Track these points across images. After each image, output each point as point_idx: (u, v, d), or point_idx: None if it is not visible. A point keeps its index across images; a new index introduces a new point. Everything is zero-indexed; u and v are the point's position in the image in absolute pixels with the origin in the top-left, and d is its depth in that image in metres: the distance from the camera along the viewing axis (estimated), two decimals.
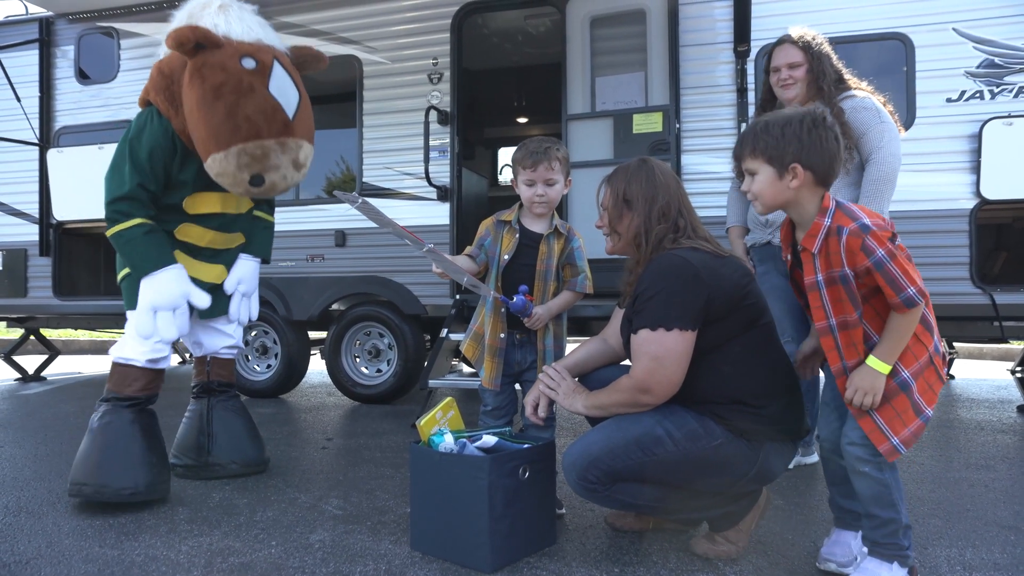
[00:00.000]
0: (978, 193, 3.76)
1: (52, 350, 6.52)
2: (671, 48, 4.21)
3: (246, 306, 2.98)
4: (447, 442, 2.05)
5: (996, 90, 3.77)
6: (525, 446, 2.07)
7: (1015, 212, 4.28)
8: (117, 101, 5.35)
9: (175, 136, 2.63)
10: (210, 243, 2.81)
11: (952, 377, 6.00)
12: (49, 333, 7.75)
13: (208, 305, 2.73)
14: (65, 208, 5.28)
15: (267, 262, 3.09)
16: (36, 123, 5.50)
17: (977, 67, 3.80)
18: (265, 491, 2.71)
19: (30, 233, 5.57)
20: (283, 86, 2.62)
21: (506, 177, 7.30)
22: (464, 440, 2.08)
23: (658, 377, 1.85)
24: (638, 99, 4.32)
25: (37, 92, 5.52)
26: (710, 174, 4.09)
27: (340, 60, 4.85)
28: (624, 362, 2.16)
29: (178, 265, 2.65)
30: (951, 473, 2.94)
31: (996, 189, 3.73)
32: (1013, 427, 3.91)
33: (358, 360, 4.96)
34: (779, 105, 2.90)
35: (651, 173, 2.00)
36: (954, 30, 3.82)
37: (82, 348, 9.34)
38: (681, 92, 4.19)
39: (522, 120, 7.29)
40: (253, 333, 5.14)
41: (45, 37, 5.54)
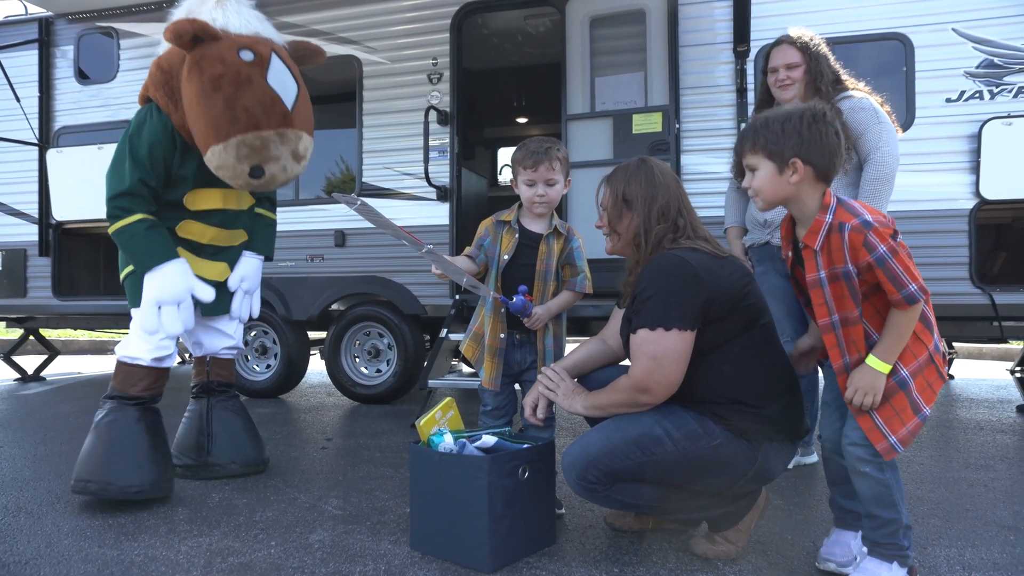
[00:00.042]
0: (977, 193, 3.76)
1: (51, 350, 6.52)
2: (671, 48, 4.21)
3: (248, 303, 2.98)
4: (447, 442, 2.05)
5: (995, 90, 3.77)
6: (525, 446, 2.07)
7: (1014, 212, 4.28)
8: (117, 101, 5.35)
9: (175, 131, 2.64)
10: (212, 240, 2.81)
11: (952, 377, 6.01)
12: (48, 333, 7.75)
13: (212, 298, 2.73)
14: (64, 208, 5.28)
15: (270, 259, 3.09)
16: (35, 123, 5.50)
17: (976, 67, 3.80)
18: (265, 491, 2.71)
19: (29, 233, 5.57)
20: (281, 78, 2.62)
21: (506, 177, 7.30)
22: (464, 440, 2.08)
23: (657, 377, 1.85)
24: (638, 99, 4.32)
25: (36, 92, 5.52)
26: (710, 174, 4.09)
27: (340, 60, 4.86)
28: (623, 362, 2.16)
29: (181, 259, 2.65)
30: (950, 473, 2.94)
31: (995, 189, 3.74)
32: (1012, 427, 3.91)
33: (358, 360, 4.96)
34: (776, 106, 2.90)
35: (650, 173, 2.00)
36: (954, 30, 3.82)
37: (81, 348, 9.34)
38: (681, 92, 4.19)
39: (522, 120, 7.29)
40: (253, 333, 5.14)
41: (45, 37, 5.54)
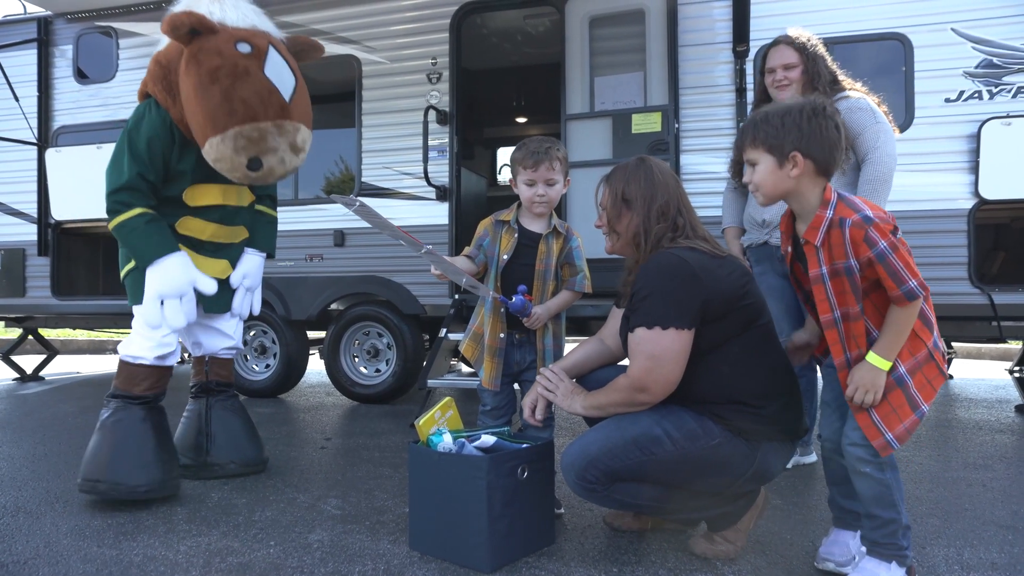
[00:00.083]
0: (976, 193, 3.76)
1: (50, 350, 6.51)
2: (670, 48, 4.21)
3: (249, 300, 2.97)
4: (446, 442, 2.05)
5: (995, 90, 3.77)
6: (524, 446, 2.07)
7: (1013, 212, 4.29)
8: (116, 101, 5.34)
9: (173, 126, 2.64)
10: (212, 236, 2.80)
11: (950, 377, 6.01)
12: (47, 333, 7.74)
13: (215, 290, 2.73)
14: (63, 208, 5.28)
15: (272, 256, 3.09)
16: (34, 123, 5.50)
17: (976, 67, 3.80)
18: (264, 491, 2.71)
19: (28, 233, 5.57)
20: (279, 70, 2.61)
21: (505, 177, 7.30)
22: (463, 440, 2.08)
23: (655, 376, 1.85)
24: (637, 99, 4.32)
25: (35, 92, 5.52)
26: (709, 174, 4.09)
27: (339, 60, 4.86)
28: (622, 362, 2.16)
29: (182, 252, 2.65)
30: (949, 473, 2.94)
31: (994, 189, 3.74)
32: (1011, 427, 3.91)
33: (357, 360, 4.96)
34: None
35: (650, 172, 2.00)
36: (953, 30, 3.83)
37: (80, 348, 9.33)
38: (680, 92, 4.19)
39: (521, 120, 7.29)
40: (252, 333, 5.14)
41: (43, 36, 5.53)
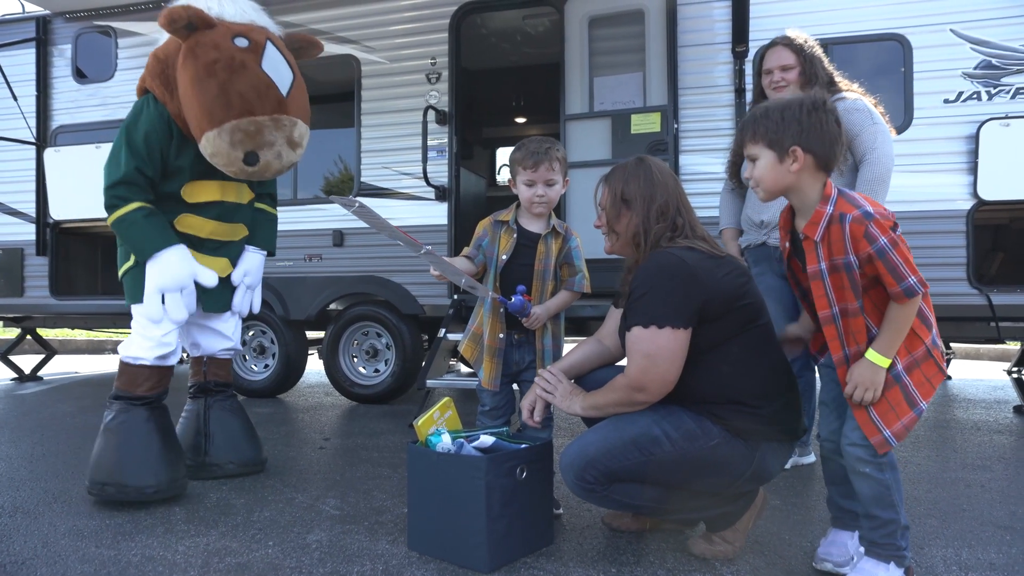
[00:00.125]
0: (975, 194, 3.76)
1: (49, 350, 6.51)
2: (669, 48, 4.21)
3: (249, 298, 2.97)
4: (444, 442, 2.05)
5: (993, 91, 3.78)
6: (523, 446, 2.07)
7: (1012, 213, 4.29)
8: (114, 100, 5.34)
9: (171, 121, 2.64)
10: (211, 234, 2.79)
11: (949, 377, 6.01)
12: (46, 333, 7.74)
13: (216, 283, 2.73)
14: (62, 207, 5.27)
15: (272, 254, 3.09)
16: (33, 122, 5.49)
17: (975, 68, 3.80)
18: (262, 491, 2.70)
19: (27, 232, 5.56)
20: (276, 65, 2.61)
21: (504, 177, 7.30)
22: (462, 440, 2.08)
23: (652, 375, 1.85)
24: (636, 99, 4.32)
25: (34, 91, 5.51)
26: (708, 174, 4.09)
27: (338, 60, 4.85)
28: (621, 362, 2.16)
29: (181, 245, 2.64)
30: (948, 473, 2.94)
31: (993, 190, 3.74)
32: (1010, 427, 3.92)
33: (356, 360, 4.96)
34: None
35: (649, 172, 2.00)
36: (952, 31, 3.83)
37: (79, 348, 9.32)
38: (679, 92, 4.19)
39: (520, 120, 7.29)
40: (251, 333, 5.13)
41: (42, 36, 5.53)
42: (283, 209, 4.65)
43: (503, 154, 7.49)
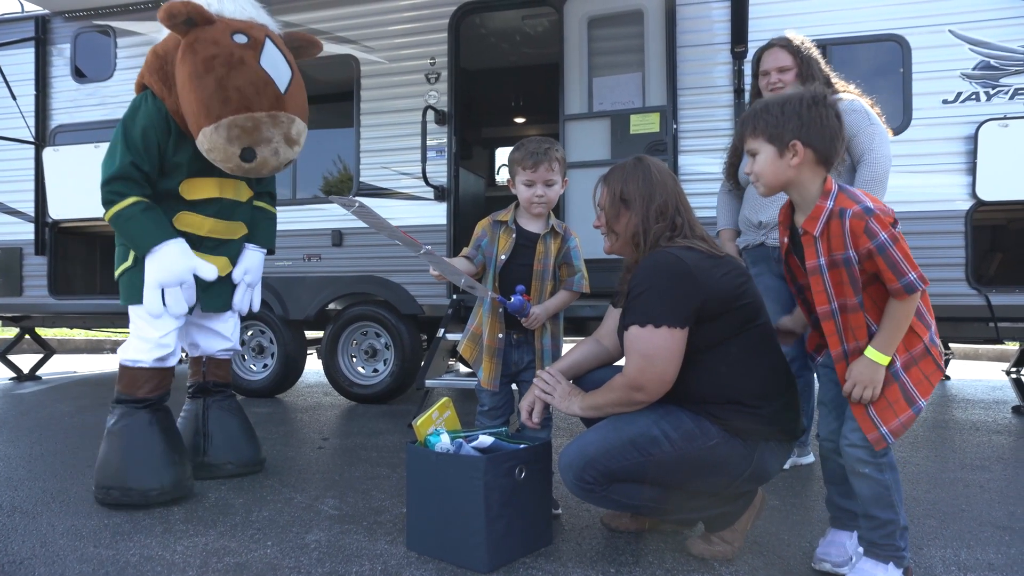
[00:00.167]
0: (974, 194, 3.77)
1: (47, 349, 6.50)
2: (668, 49, 4.21)
3: (249, 297, 2.97)
4: (443, 442, 2.05)
5: (992, 92, 3.78)
6: (521, 446, 2.07)
7: (1011, 213, 4.29)
8: (113, 99, 5.33)
9: (169, 116, 2.63)
10: (210, 232, 2.79)
11: (948, 377, 6.02)
12: (44, 332, 7.73)
13: (215, 276, 2.72)
14: (61, 207, 5.26)
15: (272, 253, 3.08)
16: (32, 121, 5.49)
17: (973, 69, 3.81)
18: (261, 491, 2.70)
19: (26, 232, 5.56)
20: (275, 62, 2.61)
21: (503, 177, 7.30)
22: (460, 440, 2.08)
23: (649, 375, 1.85)
24: (635, 99, 4.32)
25: (33, 90, 5.51)
26: (707, 175, 4.09)
27: (337, 60, 4.85)
28: (619, 362, 2.16)
29: (180, 239, 2.64)
30: (946, 474, 2.94)
31: (992, 190, 3.75)
32: (1008, 428, 3.92)
33: (355, 360, 4.96)
34: None
35: (648, 172, 2.00)
36: (950, 32, 3.83)
37: (77, 347, 9.31)
38: (678, 92, 4.19)
39: (519, 120, 7.29)
40: (250, 333, 5.13)
41: (41, 35, 5.52)
42: (282, 209, 4.65)
43: (502, 154, 7.49)
